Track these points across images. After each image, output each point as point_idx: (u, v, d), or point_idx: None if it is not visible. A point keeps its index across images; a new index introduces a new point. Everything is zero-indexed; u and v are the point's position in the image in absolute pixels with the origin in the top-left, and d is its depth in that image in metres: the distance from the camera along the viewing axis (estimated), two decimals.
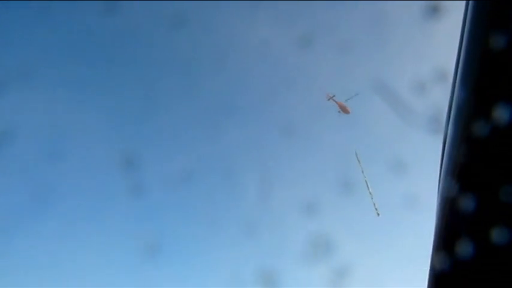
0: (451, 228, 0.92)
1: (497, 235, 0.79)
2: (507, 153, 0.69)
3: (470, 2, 0.76)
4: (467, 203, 0.77)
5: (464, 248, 0.86)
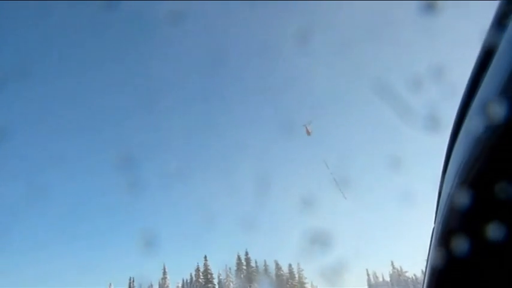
0: (453, 225, 0.91)
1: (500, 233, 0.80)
2: None
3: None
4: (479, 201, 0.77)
5: (467, 245, 0.86)
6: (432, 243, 1.08)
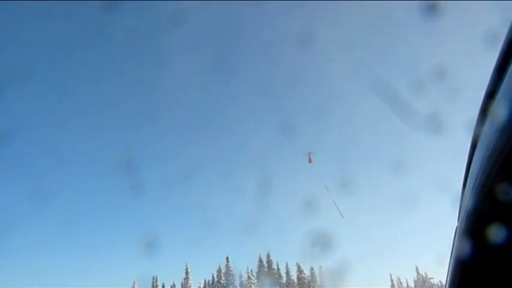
0: (476, 223, 0.90)
1: None
2: None
3: None
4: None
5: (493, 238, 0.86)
6: (455, 241, 1.08)
